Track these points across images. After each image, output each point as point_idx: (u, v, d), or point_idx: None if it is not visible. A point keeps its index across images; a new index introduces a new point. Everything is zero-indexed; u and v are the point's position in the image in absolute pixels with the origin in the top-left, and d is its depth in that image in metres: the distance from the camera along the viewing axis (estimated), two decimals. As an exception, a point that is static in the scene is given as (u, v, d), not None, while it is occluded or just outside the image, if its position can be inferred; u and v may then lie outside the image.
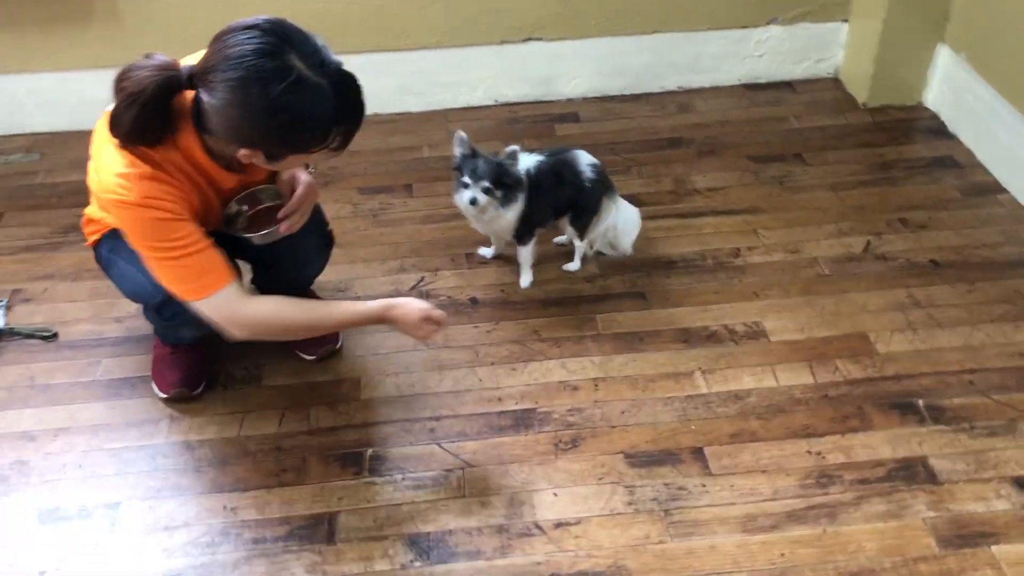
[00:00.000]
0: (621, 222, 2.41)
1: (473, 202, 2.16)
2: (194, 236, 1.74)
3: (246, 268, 2.12)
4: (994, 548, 1.73)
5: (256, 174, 1.92)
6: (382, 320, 1.90)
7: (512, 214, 2.24)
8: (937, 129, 2.99)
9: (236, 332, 1.81)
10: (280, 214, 1.91)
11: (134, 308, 2.33)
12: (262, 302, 1.85)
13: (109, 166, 1.69)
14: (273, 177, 1.97)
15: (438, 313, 1.88)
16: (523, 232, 2.33)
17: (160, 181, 1.69)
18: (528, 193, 2.23)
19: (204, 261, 1.75)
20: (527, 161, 2.26)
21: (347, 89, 1.63)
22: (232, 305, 1.78)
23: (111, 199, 1.70)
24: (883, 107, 3.09)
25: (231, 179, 1.85)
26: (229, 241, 1.90)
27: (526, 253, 2.38)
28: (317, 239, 2.13)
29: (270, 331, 1.87)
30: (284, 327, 1.87)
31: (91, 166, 1.85)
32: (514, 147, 2.16)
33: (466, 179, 2.17)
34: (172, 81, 1.60)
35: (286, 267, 2.09)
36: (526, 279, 2.40)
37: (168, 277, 1.77)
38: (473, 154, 2.17)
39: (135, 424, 2.06)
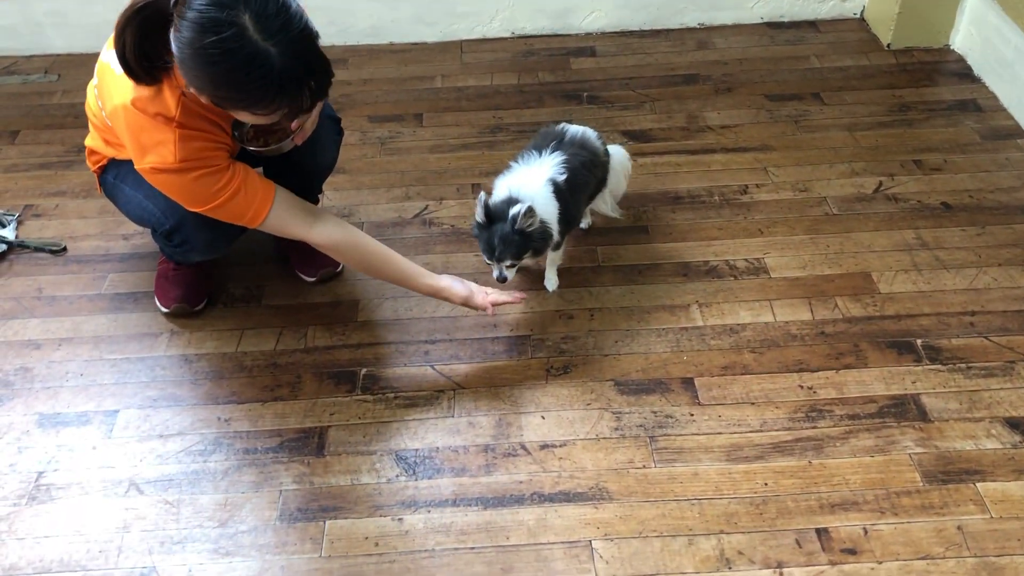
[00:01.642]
0: (619, 167, 2.29)
1: (503, 280, 1.99)
2: (234, 172, 1.77)
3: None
4: (979, 485, 1.72)
5: None
6: (444, 286, 1.98)
7: (550, 249, 2.05)
8: (962, 72, 2.91)
9: (317, 247, 1.92)
10: (294, 124, 1.86)
11: (141, 227, 2.37)
12: (331, 228, 1.89)
13: (135, 133, 1.71)
14: None
15: (491, 298, 1.99)
16: (560, 242, 2.10)
17: (189, 137, 1.71)
18: (562, 203, 2.00)
19: (250, 190, 1.79)
20: (547, 172, 2.00)
21: (300, 63, 1.56)
22: (290, 224, 1.85)
23: (146, 167, 1.73)
24: (908, 49, 3.02)
25: None
26: None
27: (558, 255, 2.17)
28: (329, 123, 2.08)
29: (341, 254, 1.95)
30: (354, 253, 1.93)
31: (95, 102, 1.87)
32: (522, 204, 1.89)
33: (486, 259, 1.99)
34: (160, 3, 1.57)
35: (302, 155, 2.00)
36: (553, 282, 2.18)
37: (228, 216, 1.81)
38: (490, 221, 1.93)
39: (136, 337, 2.10)
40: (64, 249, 2.34)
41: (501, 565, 1.63)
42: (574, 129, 2.13)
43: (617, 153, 2.27)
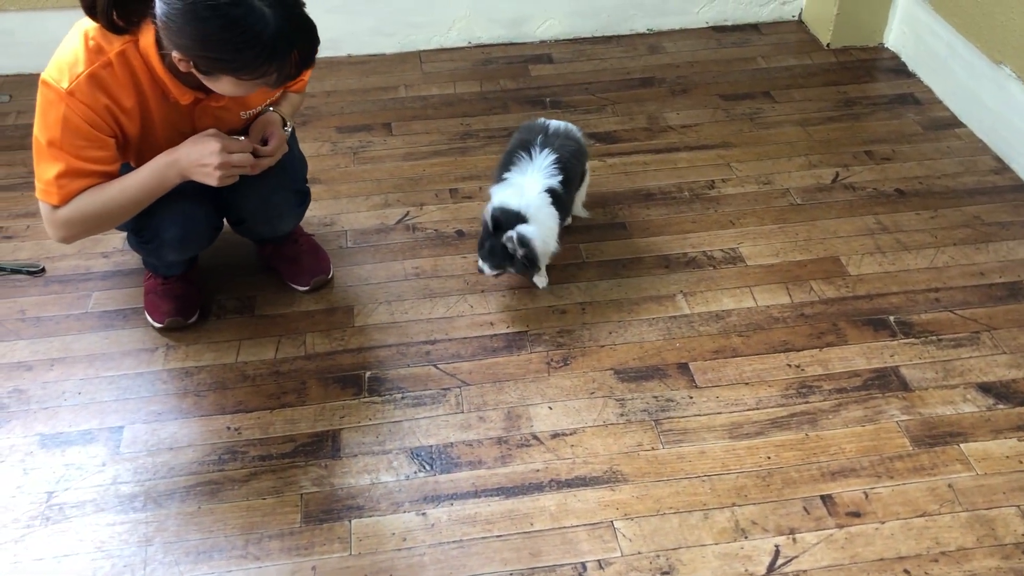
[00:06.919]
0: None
1: (481, 271, 2.12)
2: (107, 158, 1.77)
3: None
4: (962, 446, 1.85)
5: (220, 100, 1.84)
6: (172, 169, 1.81)
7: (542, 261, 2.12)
8: (897, 68, 3.09)
9: (56, 236, 1.86)
10: (266, 149, 1.90)
11: (120, 243, 2.35)
12: (67, 207, 1.80)
13: (64, 46, 1.72)
14: (247, 129, 1.96)
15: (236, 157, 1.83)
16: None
17: (100, 86, 1.69)
18: (560, 208, 2.12)
19: (73, 173, 1.75)
20: (543, 180, 2.09)
21: (293, 25, 1.58)
22: (48, 215, 1.82)
23: (44, 76, 1.70)
24: (846, 48, 3.19)
25: (187, 95, 1.79)
26: (211, 197, 1.95)
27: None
28: (290, 195, 2.11)
29: (83, 225, 1.84)
30: (91, 216, 1.82)
31: None
32: (515, 233, 2.00)
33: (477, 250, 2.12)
34: None
35: (258, 221, 2.12)
36: (543, 280, 2.23)
37: (35, 163, 1.78)
38: (496, 228, 2.03)
39: (131, 353, 2.08)
40: (43, 270, 2.30)
41: (529, 550, 1.68)
42: (556, 123, 2.23)
43: None
